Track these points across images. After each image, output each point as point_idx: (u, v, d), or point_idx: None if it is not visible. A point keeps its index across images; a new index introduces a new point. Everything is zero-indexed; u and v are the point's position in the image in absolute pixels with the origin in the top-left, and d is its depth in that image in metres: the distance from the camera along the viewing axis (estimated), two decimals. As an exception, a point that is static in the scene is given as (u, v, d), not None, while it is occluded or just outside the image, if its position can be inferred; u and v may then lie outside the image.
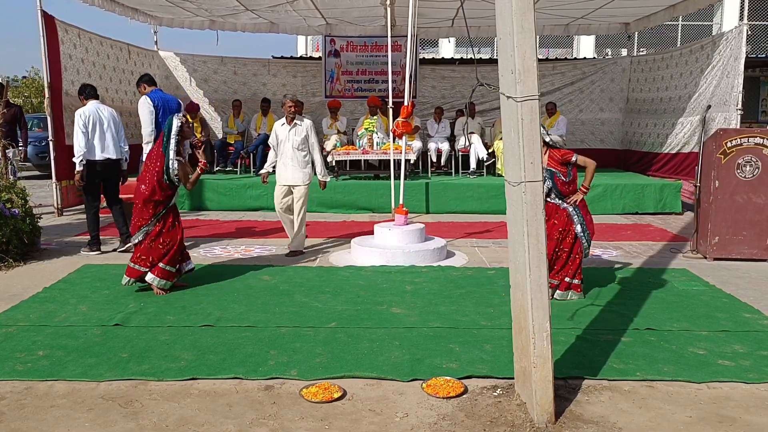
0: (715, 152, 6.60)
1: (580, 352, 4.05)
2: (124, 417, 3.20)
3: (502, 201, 3.46)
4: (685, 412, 3.29)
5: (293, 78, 13.35)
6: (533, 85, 3.07)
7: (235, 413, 3.25)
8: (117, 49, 11.25)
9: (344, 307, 4.96)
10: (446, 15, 11.21)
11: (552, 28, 12.64)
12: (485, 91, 11.65)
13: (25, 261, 6.39)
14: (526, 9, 3.03)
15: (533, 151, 3.11)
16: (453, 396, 3.43)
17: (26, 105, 22.44)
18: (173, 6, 10.60)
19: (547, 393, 3.15)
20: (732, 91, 9.07)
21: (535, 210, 3.13)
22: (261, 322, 4.61)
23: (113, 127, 6.79)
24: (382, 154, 10.14)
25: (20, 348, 4.08)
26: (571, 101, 13.23)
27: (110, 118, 6.81)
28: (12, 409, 3.29)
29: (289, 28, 12.56)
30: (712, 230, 6.62)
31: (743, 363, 3.90)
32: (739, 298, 5.28)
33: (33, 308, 4.91)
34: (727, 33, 9.61)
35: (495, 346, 4.13)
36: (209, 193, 9.87)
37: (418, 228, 6.84)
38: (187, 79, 13.08)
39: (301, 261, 6.56)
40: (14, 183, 6.83)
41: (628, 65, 13.01)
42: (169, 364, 3.82)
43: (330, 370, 3.75)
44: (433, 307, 4.99)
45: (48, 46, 9.03)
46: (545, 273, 3.16)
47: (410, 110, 7.68)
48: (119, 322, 4.56)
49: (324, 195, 9.72)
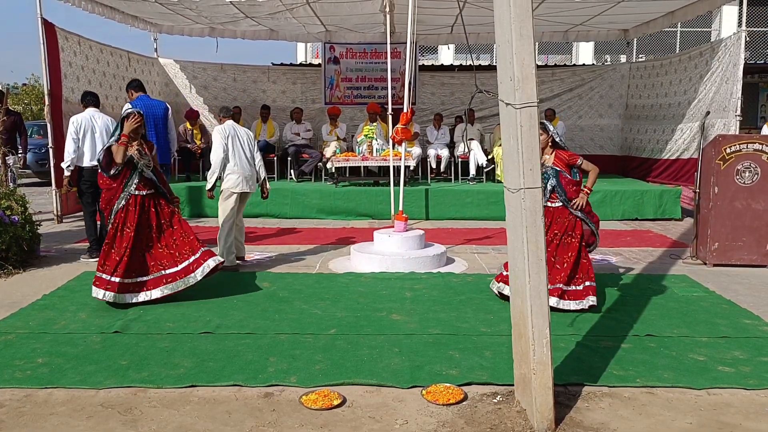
0: (714, 158, 6.61)
1: (580, 359, 4.05)
2: (124, 424, 3.20)
3: (502, 207, 3.46)
4: (686, 419, 3.29)
5: (293, 85, 13.37)
6: (532, 91, 3.08)
7: (235, 420, 3.25)
8: (117, 56, 11.27)
9: (344, 314, 4.96)
10: (445, 22, 11.25)
11: (551, 35, 12.68)
12: (484, 98, 11.67)
13: (24, 268, 6.39)
14: (525, 16, 3.04)
15: (532, 158, 3.11)
16: (453, 403, 3.42)
17: (26, 112, 22.49)
18: (173, 13, 10.63)
19: (546, 399, 3.14)
20: (731, 97, 9.08)
21: (535, 216, 3.14)
22: (260, 329, 4.61)
23: (105, 135, 6.80)
24: (382, 160, 10.16)
25: (19, 355, 4.08)
26: (570, 107, 13.25)
27: (104, 126, 6.86)
28: (11, 416, 3.28)
29: (288, 35, 12.60)
30: (712, 236, 6.63)
31: (743, 369, 3.90)
32: (738, 304, 5.27)
33: (32, 315, 4.91)
34: (725, 39, 9.63)
35: (495, 352, 4.13)
36: (208, 200, 9.85)
37: (418, 234, 6.85)
38: (187, 86, 13.10)
39: (300, 268, 6.56)
40: (14, 190, 6.83)
41: (627, 71, 13.04)
42: (169, 372, 3.82)
43: (330, 376, 3.75)
44: (433, 313, 4.99)
45: (48, 54, 9.05)
46: (545, 279, 3.16)
47: (409, 117, 7.69)
48: (119, 330, 4.56)
49: (324, 202, 9.77)
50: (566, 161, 5.14)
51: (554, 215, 5.17)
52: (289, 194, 9.85)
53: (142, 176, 5.32)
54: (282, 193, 9.85)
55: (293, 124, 11.74)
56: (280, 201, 9.81)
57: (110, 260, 5.13)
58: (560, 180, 5.12)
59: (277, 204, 9.80)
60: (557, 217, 5.17)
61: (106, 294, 5.06)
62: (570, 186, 5.16)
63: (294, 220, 9.66)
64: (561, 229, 5.14)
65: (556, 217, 5.17)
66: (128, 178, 5.27)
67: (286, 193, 9.86)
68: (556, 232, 5.13)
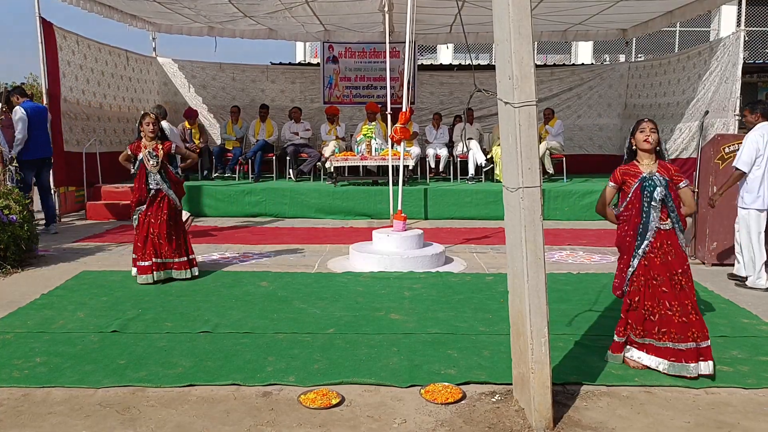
0: (713, 158, 6.61)
1: (579, 358, 4.05)
2: (122, 424, 3.19)
3: (501, 207, 3.46)
4: (684, 418, 3.29)
5: (291, 84, 13.37)
6: (531, 90, 3.08)
7: (233, 420, 3.24)
8: (115, 55, 11.26)
9: (342, 314, 4.96)
10: (444, 21, 11.25)
11: (550, 35, 12.69)
12: (483, 97, 11.67)
13: (22, 267, 6.38)
14: (523, 15, 3.04)
15: (531, 157, 3.11)
16: (451, 402, 3.42)
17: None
18: (172, 12, 10.62)
19: (545, 398, 3.14)
20: (730, 96, 9.09)
21: (533, 216, 3.13)
22: (259, 328, 4.61)
23: None
24: (381, 160, 10.16)
25: (18, 355, 4.07)
26: (569, 107, 13.25)
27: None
28: (9, 416, 3.28)
29: (287, 34, 12.59)
30: (711, 236, 6.63)
31: (742, 368, 3.90)
32: (737, 304, 5.28)
33: (30, 315, 4.90)
34: (724, 39, 9.64)
35: (493, 351, 4.13)
36: (207, 199, 9.87)
37: (417, 234, 6.85)
38: (185, 86, 13.09)
39: (299, 267, 6.56)
40: (12, 189, 6.82)
41: (626, 71, 13.05)
42: (167, 371, 3.81)
43: (328, 376, 3.75)
44: (432, 313, 4.99)
45: (46, 53, 9.05)
46: (543, 279, 3.16)
47: (408, 116, 7.70)
48: (117, 329, 4.55)
49: (322, 201, 9.77)
50: (672, 174, 3.87)
51: (664, 242, 3.81)
52: (287, 194, 9.85)
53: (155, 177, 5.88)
54: (281, 193, 9.86)
55: (292, 124, 11.74)
56: (279, 200, 9.82)
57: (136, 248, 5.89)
58: (670, 191, 3.81)
59: (276, 203, 9.81)
60: (668, 245, 3.80)
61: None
62: (678, 202, 3.86)
63: (293, 219, 9.66)
64: (679, 264, 3.79)
65: (666, 245, 3.80)
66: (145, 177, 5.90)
67: (285, 193, 9.87)
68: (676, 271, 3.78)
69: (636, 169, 3.89)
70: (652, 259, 3.80)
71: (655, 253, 3.80)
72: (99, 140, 10.45)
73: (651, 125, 3.89)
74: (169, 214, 5.88)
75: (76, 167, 9.77)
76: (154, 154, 5.81)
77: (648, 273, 3.81)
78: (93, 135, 10.31)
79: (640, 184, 3.84)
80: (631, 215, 3.88)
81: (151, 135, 5.85)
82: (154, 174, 5.84)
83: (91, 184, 10.13)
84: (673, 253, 3.79)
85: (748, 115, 5.98)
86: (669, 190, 3.80)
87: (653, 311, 3.80)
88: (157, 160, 5.81)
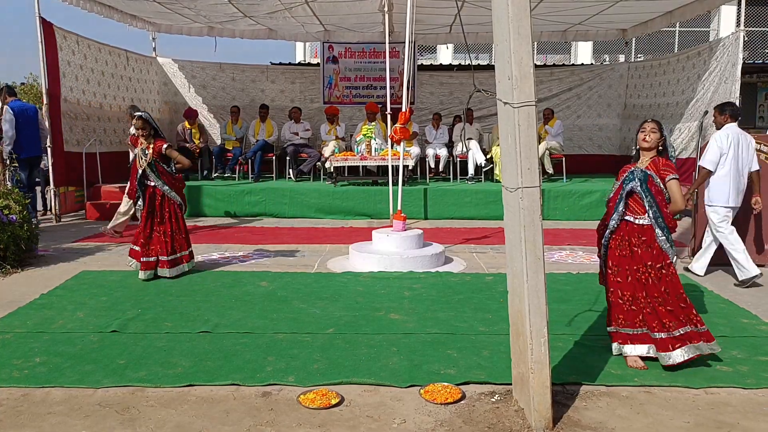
0: (712, 158, 6.59)
1: (578, 358, 4.05)
2: (121, 424, 3.19)
3: (500, 207, 3.46)
4: (683, 418, 3.29)
5: (291, 84, 13.36)
6: (530, 91, 3.08)
7: (233, 420, 3.24)
8: (115, 55, 11.26)
9: (342, 314, 4.96)
10: (444, 21, 11.25)
11: (549, 35, 12.68)
12: (483, 97, 11.67)
13: (22, 267, 6.38)
14: (523, 15, 3.04)
15: (530, 157, 3.11)
16: (451, 402, 3.42)
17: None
18: (172, 12, 10.62)
19: (544, 399, 3.14)
20: (729, 96, 9.08)
21: (533, 216, 3.13)
22: (259, 328, 4.61)
23: None
24: (381, 160, 10.15)
25: (17, 355, 4.07)
26: (569, 107, 13.25)
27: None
28: (9, 416, 3.28)
29: (287, 34, 12.59)
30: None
31: (741, 368, 3.90)
32: (737, 304, 5.28)
33: (30, 315, 4.90)
34: (724, 39, 9.64)
35: (493, 351, 4.13)
36: (207, 199, 9.87)
37: (416, 234, 6.85)
38: (185, 86, 13.09)
39: (299, 267, 6.56)
40: (12, 189, 6.83)
41: (625, 71, 13.05)
42: (167, 371, 3.81)
43: (328, 376, 3.75)
44: (431, 313, 4.99)
45: (46, 53, 9.04)
46: (542, 279, 3.16)
47: (408, 116, 7.70)
48: (116, 329, 4.55)
49: (322, 201, 9.77)
50: (659, 168, 3.88)
51: (634, 235, 3.91)
52: (287, 194, 9.85)
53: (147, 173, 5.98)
54: (280, 193, 9.86)
55: (292, 124, 11.74)
56: (279, 200, 9.82)
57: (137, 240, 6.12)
58: (649, 186, 3.84)
59: (276, 203, 9.81)
60: (638, 239, 3.90)
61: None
62: (661, 196, 3.87)
63: (292, 219, 9.66)
64: (650, 258, 3.86)
65: (636, 239, 3.90)
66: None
67: (285, 193, 9.86)
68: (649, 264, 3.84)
69: (631, 166, 4.08)
70: (612, 249, 4.02)
71: (617, 243, 3.99)
72: (99, 140, 10.45)
73: (652, 125, 4.04)
74: (169, 210, 6.03)
75: (76, 167, 9.77)
76: (147, 152, 5.98)
77: (612, 263, 4.02)
78: (93, 135, 10.31)
79: (623, 178, 4.04)
80: (610, 207, 4.11)
81: (143, 134, 6.00)
82: (148, 171, 5.97)
83: (90, 184, 10.13)
84: (645, 248, 3.88)
85: (717, 116, 6.24)
86: (649, 185, 3.84)
87: (633, 301, 3.92)
88: (146, 159, 5.96)
